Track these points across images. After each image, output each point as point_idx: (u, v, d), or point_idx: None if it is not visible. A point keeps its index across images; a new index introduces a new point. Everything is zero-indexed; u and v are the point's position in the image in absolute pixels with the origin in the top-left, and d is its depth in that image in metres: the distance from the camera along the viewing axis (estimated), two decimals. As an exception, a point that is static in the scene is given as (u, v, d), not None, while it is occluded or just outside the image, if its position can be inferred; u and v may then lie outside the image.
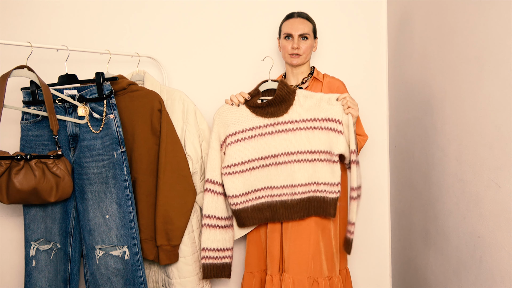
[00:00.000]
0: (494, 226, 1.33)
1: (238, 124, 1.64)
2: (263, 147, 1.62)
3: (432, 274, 1.76)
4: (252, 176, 1.63)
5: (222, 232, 1.66)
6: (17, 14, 2.00)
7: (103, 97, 1.59)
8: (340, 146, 1.57)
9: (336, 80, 1.79)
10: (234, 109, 1.65)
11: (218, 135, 1.66)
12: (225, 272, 1.67)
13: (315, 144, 1.59)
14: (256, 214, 1.66)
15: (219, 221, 1.66)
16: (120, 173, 1.57)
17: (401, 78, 2.02)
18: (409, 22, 1.92)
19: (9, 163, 1.47)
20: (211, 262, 1.65)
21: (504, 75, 1.26)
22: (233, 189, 1.63)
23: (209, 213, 1.64)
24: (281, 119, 1.61)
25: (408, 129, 1.95)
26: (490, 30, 1.32)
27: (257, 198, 1.65)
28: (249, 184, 1.63)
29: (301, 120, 1.60)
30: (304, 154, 1.60)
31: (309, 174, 1.60)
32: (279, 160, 1.62)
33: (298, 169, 1.60)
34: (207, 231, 1.64)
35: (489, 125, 1.33)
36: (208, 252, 1.64)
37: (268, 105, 1.62)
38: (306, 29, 1.74)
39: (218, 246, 1.65)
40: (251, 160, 1.63)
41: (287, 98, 1.61)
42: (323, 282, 1.64)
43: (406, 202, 2.00)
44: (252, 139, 1.63)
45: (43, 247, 1.64)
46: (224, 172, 1.63)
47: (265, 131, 1.62)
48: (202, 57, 2.11)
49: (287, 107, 1.61)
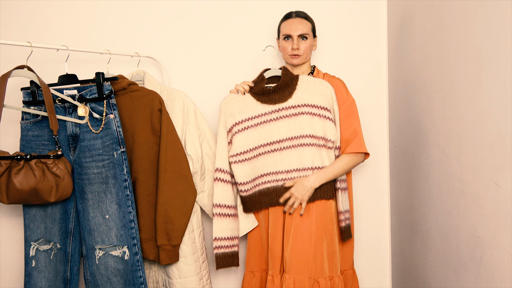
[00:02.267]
0: (494, 226, 1.33)
1: (243, 113, 1.69)
2: (268, 134, 1.67)
3: (432, 274, 1.76)
4: (259, 162, 1.68)
5: (231, 221, 1.70)
6: (17, 14, 1.99)
7: (103, 97, 1.59)
8: (333, 133, 1.65)
9: (336, 79, 1.79)
10: (239, 98, 1.71)
11: (225, 124, 1.72)
12: (235, 261, 1.71)
13: (316, 129, 1.64)
14: (262, 198, 1.70)
15: (229, 210, 1.70)
16: (120, 173, 1.57)
17: (401, 78, 2.02)
18: (409, 22, 1.92)
19: (9, 163, 1.47)
20: (223, 252, 1.69)
21: (504, 75, 1.25)
22: (243, 177, 1.68)
23: (220, 202, 1.69)
24: (285, 104, 1.66)
25: (408, 129, 1.95)
26: (490, 30, 1.32)
27: (263, 183, 1.69)
28: (256, 170, 1.68)
29: (303, 105, 1.65)
30: (308, 138, 1.64)
31: (315, 158, 1.64)
32: (284, 145, 1.66)
33: (306, 153, 1.64)
34: (218, 220, 1.68)
35: (489, 125, 1.33)
36: (220, 242, 1.68)
37: (274, 91, 1.67)
38: (305, 29, 1.74)
39: (229, 235, 1.69)
40: (257, 147, 1.68)
41: (290, 83, 1.67)
42: (324, 282, 1.63)
43: (406, 202, 2.00)
44: (257, 126, 1.68)
45: (43, 247, 1.64)
46: (233, 161, 1.68)
47: (270, 117, 1.67)
48: (202, 57, 2.11)
49: (291, 92, 1.67)
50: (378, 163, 2.21)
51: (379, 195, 2.22)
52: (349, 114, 1.69)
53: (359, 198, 2.18)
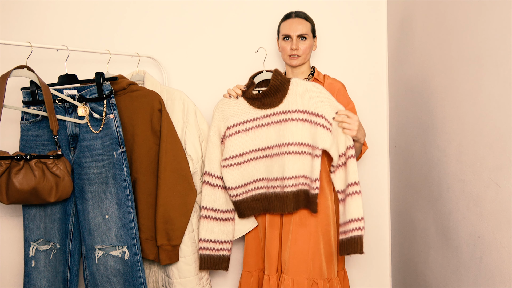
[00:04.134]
0: (494, 226, 1.33)
1: (236, 117, 1.66)
2: (260, 139, 1.64)
3: (432, 274, 1.76)
4: (250, 168, 1.66)
5: (220, 225, 1.69)
6: (17, 14, 2.00)
7: (103, 97, 1.58)
8: (325, 141, 1.55)
9: (337, 82, 1.79)
10: (233, 102, 1.68)
11: (217, 128, 1.69)
12: (223, 265, 1.70)
13: (304, 136, 1.58)
14: (255, 204, 1.68)
15: (217, 214, 1.69)
16: (120, 173, 1.57)
17: (401, 78, 2.02)
18: (409, 22, 1.92)
19: (9, 163, 1.47)
20: (208, 254, 1.68)
21: (504, 75, 1.25)
22: (232, 181, 1.66)
23: (206, 205, 1.69)
24: (276, 109, 1.62)
25: (408, 129, 1.95)
26: (490, 30, 1.32)
27: (255, 188, 1.67)
28: (247, 176, 1.66)
29: (294, 111, 1.60)
30: (294, 146, 1.58)
31: (298, 167, 1.58)
32: (273, 151, 1.63)
33: (288, 161, 1.59)
34: (204, 223, 1.68)
35: (489, 125, 1.33)
36: (205, 243, 1.68)
37: (263, 96, 1.63)
38: (304, 29, 1.73)
39: (215, 238, 1.68)
40: (248, 152, 1.65)
41: (281, 87, 1.61)
42: (322, 283, 1.63)
43: (406, 202, 2.00)
44: (249, 131, 1.65)
45: (42, 247, 1.64)
46: (223, 165, 1.66)
47: (261, 122, 1.64)
48: (202, 57, 2.11)
49: (282, 96, 1.62)
50: (378, 163, 2.21)
51: (379, 195, 2.21)
52: None
53: (359, 198, 2.18)
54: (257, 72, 1.70)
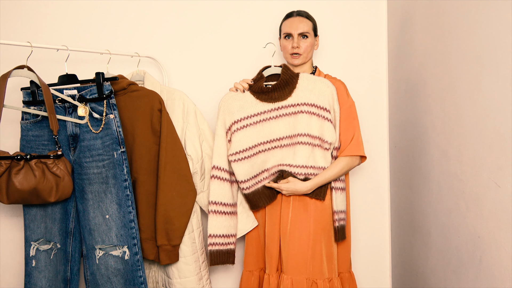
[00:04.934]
0: (494, 226, 1.33)
1: (242, 111, 1.68)
2: (268, 132, 1.67)
3: (432, 274, 1.76)
4: (259, 159, 1.68)
5: (228, 219, 1.70)
6: (17, 14, 2.00)
7: (103, 97, 1.59)
8: (331, 135, 1.63)
9: (337, 81, 1.79)
10: (239, 96, 1.70)
11: (223, 122, 1.71)
12: (230, 258, 1.71)
13: (313, 129, 1.63)
14: (267, 191, 1.70)
15: (225, 208, 1.70)
16: (120, 173, 1.57)
17: (401, 78, 2.02)
18: (409, 22, 1.92)
19: (9, 163, 1.47)
20: (217, 249, 1.69)
21: (504, 75, 1.25)
22: (243, 175, 1.67)
23: (216, 200, 1.68)
24: (285, 102, 1.66)
25: (408, 129, 1.95)
26: (490, 30, 1.32)
27: (266, 178, 1.70)
28: (257, 167, 1.68)
29: (302, 104, 1.65)
30: (304, 137, 1.63)
31: (307, 156, 1.64)
32: (283, 143, 1.67)
33: (299, 150, 1.64)
34: (213, 218, 1.68)
35: (489, 125, 1.33)
36: (215, 239, 1.68)
37: (273, 89, 1.66)
38: (305, 28, 1.73)
39: (224, 232, 1.69)
40: (257, 144, 1.68)
41: (290, 81, 1.66)
42: (322, 283, 1.63)
43: (406, 202, 2.00)
44: (257, 124, 1.67)
45: (43, 247, 1.64)
46: (233, 159, 1.67)
47: (269, 116, 1.67)
48: (202, 56, 2.11)
49: (291, 90, 1.66)
50: (378, 163, 2.21)
51: (379, 195, 2.22)
52: (348, 116, 1.69)
53: (359, 198, 2.18)
54: (265, 66, 1.73)
